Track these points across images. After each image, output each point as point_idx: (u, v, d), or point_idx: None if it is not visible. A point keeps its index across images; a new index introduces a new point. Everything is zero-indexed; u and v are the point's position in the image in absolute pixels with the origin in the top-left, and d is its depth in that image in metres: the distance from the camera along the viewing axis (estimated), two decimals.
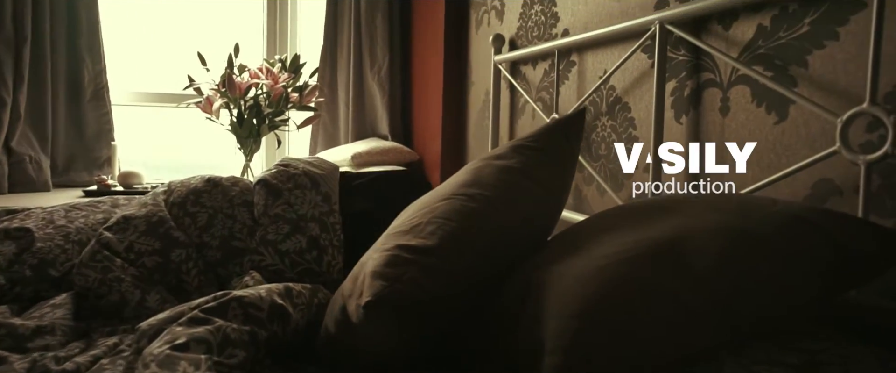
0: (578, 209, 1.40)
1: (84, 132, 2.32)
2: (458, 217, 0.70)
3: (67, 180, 2.27)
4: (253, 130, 2.18)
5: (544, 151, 0.80)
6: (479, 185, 0.75)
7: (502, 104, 1.80)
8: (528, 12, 1.68)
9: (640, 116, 1.20)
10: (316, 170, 1.34)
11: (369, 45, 2.58)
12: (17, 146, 2.11)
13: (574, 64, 1.44)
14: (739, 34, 0.96)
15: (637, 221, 0.70)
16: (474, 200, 0.72)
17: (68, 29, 2.26)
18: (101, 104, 2.33)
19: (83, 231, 1.25)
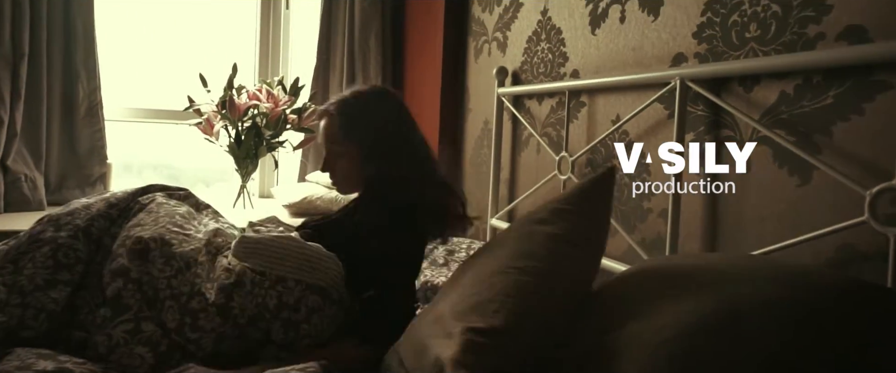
0: None
1: (77, 149, 2.21)
2: (517, 293, 0.69)
3: (60, 198, 2.15)
4: (250, 151, 2.12)
5: (584, 214, 0.80)
6: (531, 256, 0.74)
7: (505, 136, 1.80)
8: (533, 48, 1.68)
9: (655, 161, 1.21)
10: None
11: (362, 65, 2.55)
12: (12, 165, 2.00)
13: (584, 104, 1.45)
14: (761, 97, 0.98)
15: (689, 285, 0.70)
16: (528, 274, 0.72)
17: (65, 45, 2.16)
18: (95, 121, 2.23)
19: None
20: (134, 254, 1.01)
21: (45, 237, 1.05)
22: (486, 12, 1.97)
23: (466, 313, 0.69)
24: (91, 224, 1.09)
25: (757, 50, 0.98)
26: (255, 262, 1.00)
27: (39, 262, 1.03)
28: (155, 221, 1.09)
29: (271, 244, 1.02)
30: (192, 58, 2.60)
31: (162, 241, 1.03)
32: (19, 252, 1.04)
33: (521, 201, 1.68)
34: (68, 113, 2.19)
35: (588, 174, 1.38)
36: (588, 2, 1.44)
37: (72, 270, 1.03)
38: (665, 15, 1.19)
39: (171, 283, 0.99)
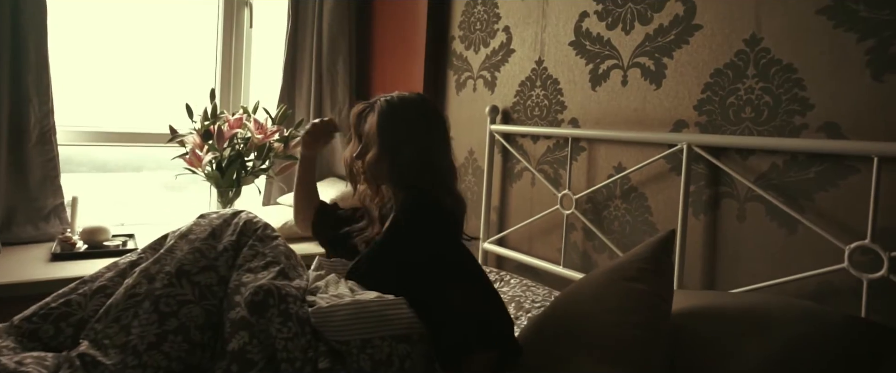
0: (586, 271, 1.65)
1: (28, 180, 2.05)
2: (643, 346, 0.90)
3: (11, 237, 1.99)
4: (233, 181, 2.11)
5: (663, 273, 1.03)
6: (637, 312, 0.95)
7: (495, 169, 2.00)
8: (527, 92, 1.89)
9: (657, 206, 1.48)
10: None
11: (331, 89, 2.61)
12: None
13: (584, 149, 1.69)
14: (755, 165, 1.28)
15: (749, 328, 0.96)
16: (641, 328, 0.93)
17: (13, 67, 1.98)
18: (48, 148, 2.08)
19: None
20: (253, 306, 1.04)
21: (141, 291, 1.06)
22: (470, 50, 2.14)
23: (605, 363, 0.89)
24: (181, 266, 1.10)
25: (751, 129, 1.28)
26: (334, 333, 1.05)
27: (144, 318, 1.04)
28: (266, 267, 1.12)
29: (341, 311, 1.07)
30: (150, 76, 2.48)
31: (279, 296, 1.07)
32: (120, 310, 1.05)
33: (516, 229, 1.89)
34: (17, 141, 2.02)
35: (598, 213, 1.62)
36: (588, 62, 1.68)
37: (178, 315, 1.05)
38: (667, 86, 1.46)
39: (288, 346, 1.04)
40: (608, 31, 1.62)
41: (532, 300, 1.55)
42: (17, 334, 1.08)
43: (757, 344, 0.92)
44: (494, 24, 2.03)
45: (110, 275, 1.16)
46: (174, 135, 2.04)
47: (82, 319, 1.09)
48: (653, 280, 1.02)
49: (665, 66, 1.47)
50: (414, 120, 1.23)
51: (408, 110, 1.23)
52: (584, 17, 1.69)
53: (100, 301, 1.11)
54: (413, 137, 1.22)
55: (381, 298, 1.11)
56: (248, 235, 1.17)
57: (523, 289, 1.63)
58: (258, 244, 1.17)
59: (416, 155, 1.21)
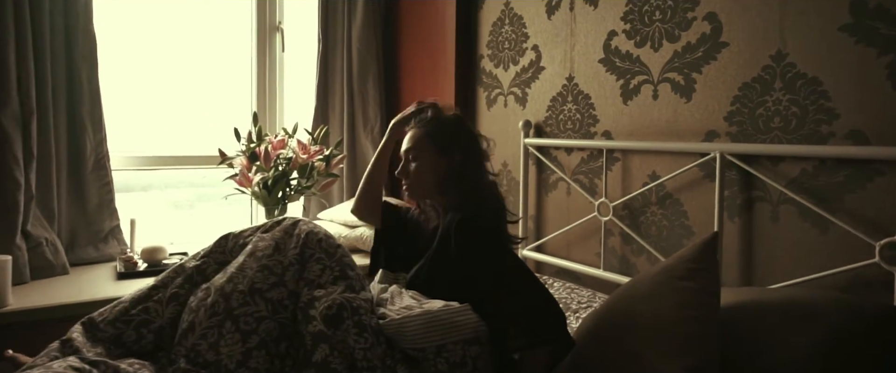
0: (627, 273, 1.76)
1: (86, 205, 2.16)
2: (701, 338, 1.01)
3: (75, 258, 2.10)
4: (279, 199, 2.22)
5: (710, 271, 1.14)
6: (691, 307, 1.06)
7: (530, 180, 2.11)
8: (559, 107, 2.01)
9: (692, 211, 1.60)
10: None
11: (362, 108, 2.73)
12: (32, 229, 1.93)
13: (618, 159, 1.80)
14: (786, 170, 1.39)
15: (792, 320, 1.07)
16: (699, 322, 1.04)
17: (69, 99, 2.10)
18: (103, 174, 2.19)
19: None
20: (329, 320, 1.13)
21: (221, 311, 1.14)
22: (499, 68, 2.26)
23: (668, 355, 1.00)
24: (253, 284, 1.17)
25: (780, 137, 1.39)
26: (409, 343, 1.15)
27: (228, 338, 1.14)
28: (335, 281, 1.21)
29: (414, 322, 1.16)
30: (191, 101, 2.60)
31: (352, 309, 1.16)
32: (204, 328, 1.13)
33: (554, 236, 2.00)
34: (75, 168, 2.14)
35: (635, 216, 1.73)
36: (619, 78, 1.80)
37: (258, 331, 1.14)
38: (697, 99, 1.58)
39: (367, 355, 1.12)
40: (637, 48, 1.74)
41: (578, 301, 1.66)
42: (103, 340, 1.18)
43: (801, 335, 1.03)
44: (523, 43, 2.15)
45: (179, 281, 1.25)
46: (224, 158, 2.15)
47: (161, 326, 1.19)
48: (702, 279, 1.13)
49: (694, 80, 1.59)
50: (455, 138, 1.34)
51: (449, 129, 1.34)
52: (612, 35, 1.81)
53: (175, 309, 1.21)
54: (456, 153, 1.32)
55: (447, 306, 1.20)
56: (312, 247, 1.25)
57: (567, 291, 1.74)
58: (325, 258, 1.25)
59: (460, 170, 1.31)
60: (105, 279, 1.93)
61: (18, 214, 1.87)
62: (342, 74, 2.69)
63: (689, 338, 1.02)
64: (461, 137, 1.34)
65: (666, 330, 1.05)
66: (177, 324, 1.20)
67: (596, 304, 1.62)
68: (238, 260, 1.25)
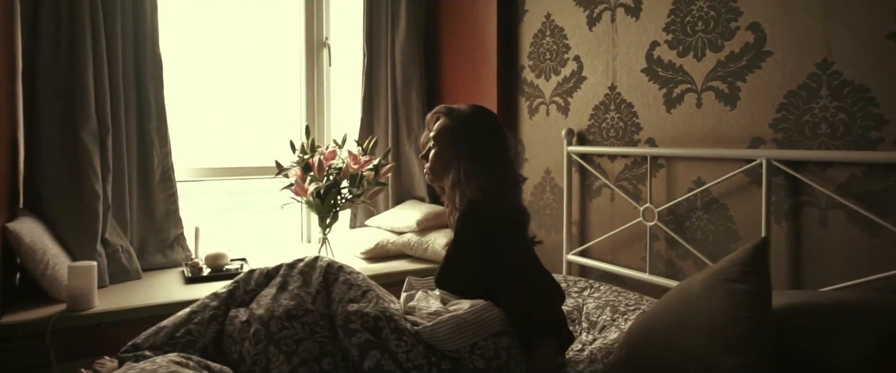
0: (673, 277, 1.80)
1: (154, 214, 2.31)
2: (754, 337, 1.06)
3: (144, 264, 2.24)
4: (331, 207, 2.33)
5: (760, 274, 1.18)
6: (744, 307, 1.11)
7: (574, 187, 2.17)
8: (601, 115, 2.06)
9: (738, 215, 1.63)
10: None
11: (405, 116, 2.82)
12: (109, 237, 2.07)
13: (662, 166, 1.85)
14: (834, 176, 1.42)
15: (845, 321, 1.10)
16: (752, 322, 1.08)
17: (139, 116, 2.25)
18: (169, 185, 2.33)
19: None
20: (371, 330, 1.24)
21: (263, 337, 1.25)
22: (541, 78, 2.32)
23: (724, 353, 1.05)
24: (288, 311, 1.29)
25: (828, 143, 1.42)
26: (444, 346, 1.24)
27: (275, 360, 1.22)
28: (363, 295, 1.32)
29: (444, 327, 1.25)
30: (246, 115, 2.74)
31: (386, 317, 1.26)
32: (254, 355, 1.23)
33: (598, 241, 2.05)
34: (144, 180, 2.28)
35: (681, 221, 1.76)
36: (661, 87, 1.84)
37: (298, 352, 1.24)
38: (742, 107, 1.61)
39: (410, 356, 1.22)
40: (679, 58, 1.78)
41: (625, 304, 1.70)
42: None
43: (852, 336, 1.06)
44: (564, 53, 2.21)
45: (216, 304, 1.37)
46: (281, 169, 2.27)
47: (204, 345, 1.30)
48: (754, 280, 1.17)
49: (739, 89, 1.62)
50: (473, 130, 1.40)
51: (468, 121, 1.41)
52: (654, 46, 1.86)
53: (215, 328, 1.33)
54: (471, 144, 1.38)
55: (473, 305, 1.29)
56: (334, 273, 1.39)
57: (614, 294, 1.79)
58: (350, 278, 1.38)
59: (472, 162, 1.37)
60: (175, 284, 2.06)
61: (98, 223, 2.02)
62: (386, 86, 2.79)
63: (743, 337, 1.07)
64: (473, 131, 1.39)
65: (721, 329, 1.10)
66: (218, 343, 1.31)
67: (643, 306, 1.67)
68: (270, 291, 1.36)
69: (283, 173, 2.27)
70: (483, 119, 1.43)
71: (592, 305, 1.75)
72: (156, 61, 2.27)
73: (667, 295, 1.34)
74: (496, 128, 1.42)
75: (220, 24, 2.67)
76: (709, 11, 1.69)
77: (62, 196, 1.99)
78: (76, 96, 2.01)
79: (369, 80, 2.79)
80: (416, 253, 2.43)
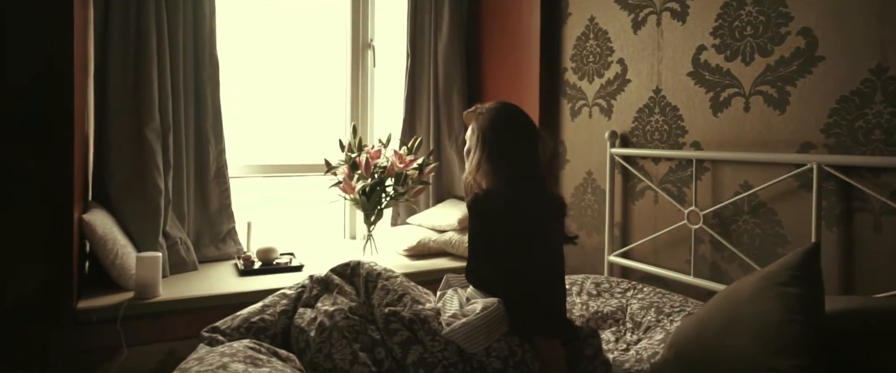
0: (718, 280, 1.81)
1: (209, 209, 2.41)
2: (804, 340, 1.07)
3: (200, 256, 2.35)
4: (377, 204, 2.39)
5: (812, 278, 1.19)
6: (796, 311, 1.12)
7: (616, 188, 2.18)
8: (646, 118, 2.07)
9: (787, 220, 1.63)
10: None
11: (447, 117, 2.87)
12: (170, 230, 2.18)
13: (708, 169, 1.85)
14: (889, 181, 1.41)
15: None
16: (803, 325, 1.10)
17: (196, 115, 2.35)
18: (223, 180, 2.43)
19: None
20: (410, 330, 1.32)
21: (328, 326, 1.32)
22: (584, 81, 2.34)
23: (777, 354, 1.07)
24: (339, 308, 1.37)
25: (882, 149, 1.41)
26: (465, 348, 1.28)
27: (337, 345, 1.29)
28: (399, 300, 1.39)
29: (458, 334, 1.29)
30: (294, 114, 2.83)
31: (420, 320, 1.33)
32: (318, 343, 1.30)
33: (641, 243, 2.06)
34: (201, 176, 2.39)
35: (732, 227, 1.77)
36: (708, 90, 1.85)
37: (358, 339, 1.31)
38: (791, 112, 1.61)
39: (444, 354, 1.28)
40: (727, 62, 1.79)
41: (670, 305, 1.72)
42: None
43: None
44: (608, 56, 2.23)
45: (286, 301, 1.47)
46: (329, 167, 2.35)
47: (274, 333, 1.40)
48: (805, 285, 1.18)
49: (788, 93, 1.62)
50: (493, 126, 1.41)
51: (490, 118, 1.43)
52: (701, 50, 1.87)
53: (285, 322, 1.42)
54: (490, 141, 1.40)
55: (485, 308, 1.32)
56: (373, 280, 1.47)
57: (659, 296, 1.80)
58: (387, 283, 1.46)
59: (489, 157, 1.40)
60: (229, 275, 2.16)
61: (160, 216, 2.13)
62: (428, 87, 2.85)
63: (796, 339, 1.08)
64: (493, 127, 1.41)
65: (773, 332, 1.11)
66: (286, 334, 1.41)
67: (689, 308, 1.68)
68: (332, 296, 1.45)
69: (332, 171, 2.34)
70: (503, 115, 1.44)
71: (636, 305, 1.77)
72: (213, 63, 2.37)
73: (716, 297, 1.36)
74: (514, 122, 1.43)
75: (271, 27, 2.77)
76: (758, 16, 1.69)
77: (128, 190, 2.11)
78: (142, 97, 2.12)
79: (412, 81, 2.85)
80: (458, 251, 2.48)
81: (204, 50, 2.34)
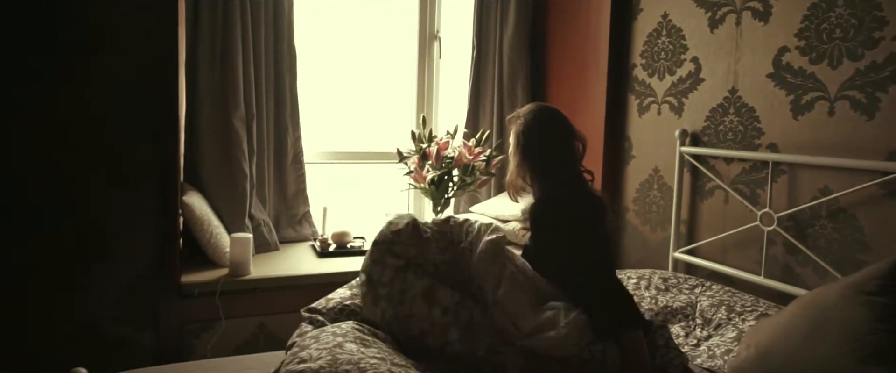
0: (790, 282, 1.81)
1: (286, 193, 2.53)
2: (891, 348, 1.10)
3: (278, 237, 2.47)
4: (445, 193, 2.46)
5: None
6: (883, 320, 1.14)
7: (684, 186, 2.19)
8: (719, 118, 2.06)
9: (869, 227, 1.62)
10: None
11: (510, 108, 2.89)
12: (254, 212, 2.31)
13: (784, 172, 1.84)
14: None
15: None
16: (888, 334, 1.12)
17: (276, 104, 2.46)
18: (299, 166, 2.55)
19: None
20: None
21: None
22: (653, 77, 2.34)
23: (865, 362, 1.09)
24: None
25: None
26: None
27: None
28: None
29: (544, 343, 1.30)
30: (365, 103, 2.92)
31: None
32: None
33: (709, 241, 2.08)
34: (279, 161, 2.50)
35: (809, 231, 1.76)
36: (789, 93, 1.83)
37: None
38: (881, 119, 1.59)
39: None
40: (812, 65, 1.76)
41: (741, 305, 1.74)
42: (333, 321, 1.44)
43: None
44: (681, 54, 2.21)
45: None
46: (401, 157, 2.43)
47: (363, 316, 1.45)
48: (893, 294, 1.19)
49: (879, 99, 1.60)
50: (530, 128, 1.47)
51: (526, 120, 1.49)
52: (783, 51, 1.84)
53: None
54: (526, 141, 1.46)
55: (567, 323, 1.31)
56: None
57: (729, 294, 1.82)
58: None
59: (532, 163, 1.46)
60: (309, 257, 2.28)
61: (246, 199, 2.25)
62: (493, 79, 2.89)
63: (884, 347, 1.10)
64: (530, 128, 1.47)
65: (861, 340, 1.14)
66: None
67: (761, 308, 1.70)
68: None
69: (404, 161, 2.42)
70: (538, 116, 1.49)
71: (707, 302, 1.80)
72: (291, 54, 2.47)
73: (797, 302, 1.38)
74: (548, 122, 1.48)
75: (345, 18, 2.84)
76: (849, 19, 1.66)
77: (217, 175, 2.24)
78: (228, 86, 2.24)
79: (477, 73, 2.89)
80: (520, 241, 2.53)
81: (283, 42, 2.43)
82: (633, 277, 2.03)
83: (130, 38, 1.78)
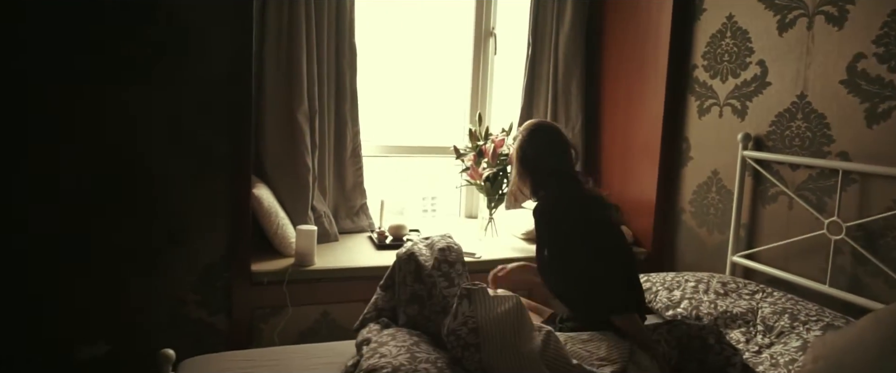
0: (858, 293, 1.77)
1: (345, 185, 2.60)
2: None
3: (338, 228, 2.55)
4: (499, 189, 2.49)
5: None
6: None
7: (745, 190, 2.16)
8: (786, 123, 2.02)
9: None
10: None
11: (564, 106, 2.90)
12: (316, 204, 2.39)
13: (855, 181, 1.80)
14: None
15: None
16: None
17: (336, 99, 2.52)
18: (357, 160, 2.61)
19: None
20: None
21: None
22: (715, 79, 2.30)
23: None
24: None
25: None
26: None
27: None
28: None
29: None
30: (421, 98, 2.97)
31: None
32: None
33: (770, 247, 2.05)
34: (339, 155, 2.57)
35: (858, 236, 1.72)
36: (863, 101, 1.78)
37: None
38: None
39: None
40: (890, 73, 1.71)
41: (806, 314, 1.72)
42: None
43: None
44: (746, 57, 2.17)
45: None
46: (458, 154, 2.46)
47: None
48: None
49: None
50: (524, 139, 1.62)
51: (522, 135, 1.63)
52: (859, 58, 1.79)
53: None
54: (521, 152, 1.61)
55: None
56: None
57: (792, 302, 1.80)
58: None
59: (522, 164, 1.61)
60: (368, 249, 2.35)
61: (309, 191, 2.33)
62: (547, 76, 2.88)
63: None
64: (524, 140, 1.62)
65: None
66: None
67: (827, 318, 1.67)
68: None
69: (460, 158, 2.46)
70: (531, 129, 1.64)
71: (768, 309, 1.78)
72: (352, 51, 2.52)
73: (871, 316, 1.36)
74: (541, 134, 1.62)
75: (402, 15, 2.88)
76: None
77: (281, 168, 2.32)
78: (293, 82, 2.31)
79: (532, 70, 2.88)
80: None
81: (344, 38, 2.48)
82: (691, 280, 2.02)
83: (214, 40, 1.86)
